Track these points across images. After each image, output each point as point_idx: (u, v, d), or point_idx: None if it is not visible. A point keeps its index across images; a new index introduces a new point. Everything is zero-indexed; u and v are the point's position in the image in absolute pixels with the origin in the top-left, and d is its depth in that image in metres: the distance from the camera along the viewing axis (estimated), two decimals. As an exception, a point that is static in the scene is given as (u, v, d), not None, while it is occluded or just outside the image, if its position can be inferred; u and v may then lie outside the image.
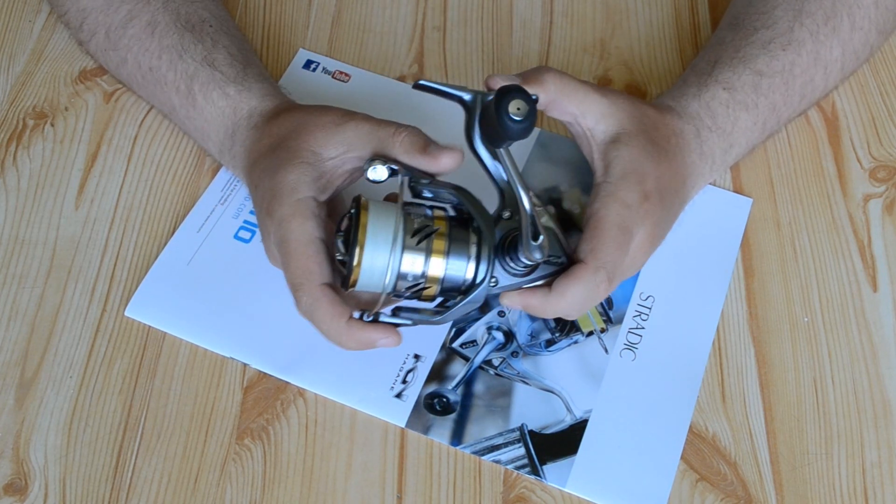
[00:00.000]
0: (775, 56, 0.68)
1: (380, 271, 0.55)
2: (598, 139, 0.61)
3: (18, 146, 0.73)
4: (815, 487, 0.60)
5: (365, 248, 0.54)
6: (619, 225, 0.57)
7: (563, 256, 0.57)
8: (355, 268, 0.54)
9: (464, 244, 0.56)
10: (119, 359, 0.63)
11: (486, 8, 0.83)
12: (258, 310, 0.65)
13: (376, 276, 0.55)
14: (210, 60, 0.67)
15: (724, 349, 0.65)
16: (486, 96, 0.57)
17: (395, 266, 0.55)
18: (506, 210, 0.57)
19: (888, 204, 0.72)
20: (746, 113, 0.67)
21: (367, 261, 0.55)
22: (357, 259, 0.54)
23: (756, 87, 0.67)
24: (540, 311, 0.57)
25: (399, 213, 0.55)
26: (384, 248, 0.55)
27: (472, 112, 0.58)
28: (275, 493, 0.59)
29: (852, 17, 0.70)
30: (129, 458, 0.60)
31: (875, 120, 0.77)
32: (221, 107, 0.66)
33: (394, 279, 0.55)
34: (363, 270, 0.55)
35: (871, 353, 0.65)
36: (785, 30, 0.69)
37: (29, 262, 0.67)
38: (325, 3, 0.83)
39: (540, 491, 0.59)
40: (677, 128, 0.64)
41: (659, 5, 0.84)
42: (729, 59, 0.68)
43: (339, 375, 0.63)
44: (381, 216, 0.55)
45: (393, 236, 0.55)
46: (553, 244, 0.57)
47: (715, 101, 0.66)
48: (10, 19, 0.80)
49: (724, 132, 0.66)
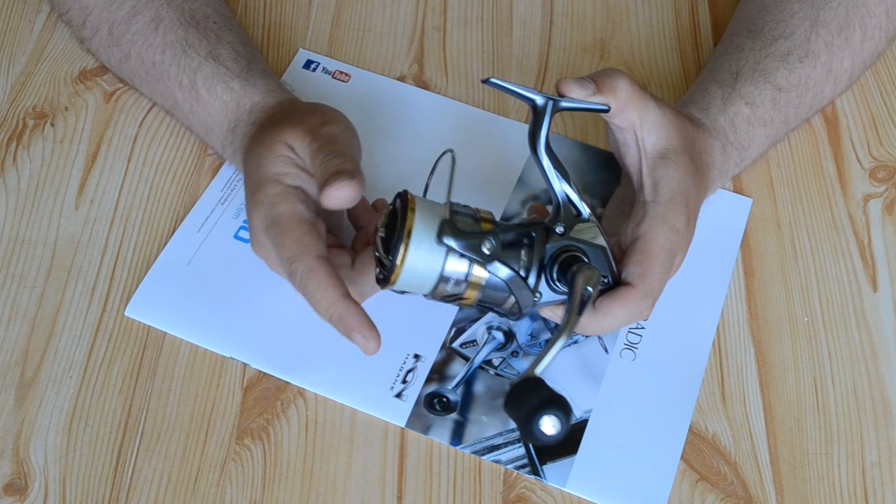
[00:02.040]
0: (793, 69, 0.68)
1: (422, 272, 0.53)
2: (648, 151, 0.60)
3: (18, 146, 0.73)
4: (815, 487, 0.60)
5: (410, 247, 0.52)
6: (668, 250, 0.57)
7: (608, 276, 0.56)
8: (398, 266, 0.52)
9: (512, 253, 0.54)
10: (119, 359, 0.63)
11: (486, 8, 0.83)
12: (258, 310, 0.65)
13: (418, 277, 0.53)
14: (215, 55, 0.67)
15: (724, 349, 0.65)
16: (559, 101, 0.56)
17: (439, 268, 0.53)
18: (558, 224, 0.56)
19: (888, 204, 0.72)
20: (764, 129, 0.67)
21: (411, 260, 0.53)
22: (401, 258, 0.52)
23: (775, 102, 0.67)
24: (580, 328, 0.56)
25: (447, 210, 0.53)
26: (430, 249, 0.53)
27: (540, 116, 0.56)
28: (275, 493, 0.59)
29: (864, 27, 0.70)
30: (129, 458, 0.60)
31: (875, 120, 0.77)
32: (225, 101, 0.66)
33: (435, 281, 0.54)
34: (405, 270, 0.53)
35: (871, 353, 0.65)
36: (802, 40, 0.68)
37: (29, 262, 0.67)
38: (325, 3, 0.83)
39: (540, 491, 0.59)
40: (707, 144, 0.64)
41: (659, 5, 0.84)
42: (751, 72, 0.67)
43: (340, 375, 0.63)
44: (428, 215, 0.53)
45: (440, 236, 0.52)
46: (602, 262, 0.56)
47: (739, 116, 0.66)
48: (10, 19, 0.80)
49: (743, 148, 0.67)
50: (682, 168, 0.59)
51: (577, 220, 0.56)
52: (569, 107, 0.57)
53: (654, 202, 0.59)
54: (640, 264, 0.57)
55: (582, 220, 0.56)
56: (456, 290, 0.54)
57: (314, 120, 0.60)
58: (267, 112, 0.65)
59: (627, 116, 0.59)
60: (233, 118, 0.66)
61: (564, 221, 0.56)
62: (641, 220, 0.58)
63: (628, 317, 0.57)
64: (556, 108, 0.56)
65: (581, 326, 0.56)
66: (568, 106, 0.57)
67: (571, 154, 0.74)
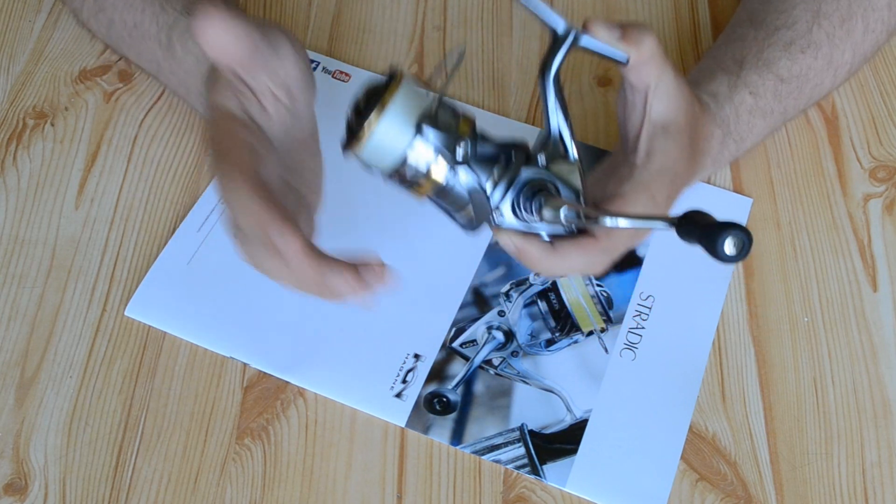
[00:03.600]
0: (795, 60, 0.67)
1: (389, 147, 0.51)
2: (652, 117, 0.59)
3: (18, 146, 0.73)
4: (815, 487, 0.60)
5: (383, 116, 0.51)
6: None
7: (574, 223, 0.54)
8: (366, 127, 0.51)
9: (485, 165, 0.53)
10: (119, 358, 0.63)
11: (486, 8, 0.83)
12: (258, 310, 0.65)
13: (382, 150, 0.52)
14: (190, 9, 0.67)
15: (724, 349, 0.65)
16: (581, 36, 0.55)
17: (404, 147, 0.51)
18: (541, 154, 0.55)
19: (888, 204, 0.72)
20: (763, 120, 0.67)
21: (381, 131, 0.51)
22: (374, 122, 0.51)
23: (776, 93, 0.67)
24: (532, 262, 0.56)
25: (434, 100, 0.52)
26: (405, 127, 0.51)
27: (558, 44, 0.55)
28: (275, 493, 0.59)
29: (866, 19, 0.70)
30: (129, 458, 0.60)
31: (875, 120, 0.77)
32: (197, 54, 0.65)
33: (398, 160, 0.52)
34: (374, 136, 0.51)
35: (871, 353, 0.65)
36: (804, 31, 0.68)
37: (29, 262, 0.67)
38: (325, 3, 0.83)
39: (540, 491, 0.59)
40: (709, 131, 0.64)
41: (659, 4, 0.84)
42: (755, 61, 0.67)
43: (340, 375, 0.63)
44: (411, 95, 0.52)
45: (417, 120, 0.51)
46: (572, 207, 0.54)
47: (743, 106, 0.65)
48: (10, 19, 0.80)
49: (741, 138, 0.66)
50: (679, 146, 0.59)
51: (562, 159, 0.55)
52: (588, 46, 0.56)
53: (643, 168, 0.58)
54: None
55: (567, 160, 0.55)
56: (415, 177, 0.53)
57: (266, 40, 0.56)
58: None
59: (644, 76, 0.58)
60: (205, 70, 0.64)
61: (548, 154, 0.55)
62: (625, 180, 0.58)
63: (582, 265, 0.56)
64: (577, 41, 0.55)
65: (532, 260, 0.55)
66: (588, 45, 0.56)
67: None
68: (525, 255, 0.55)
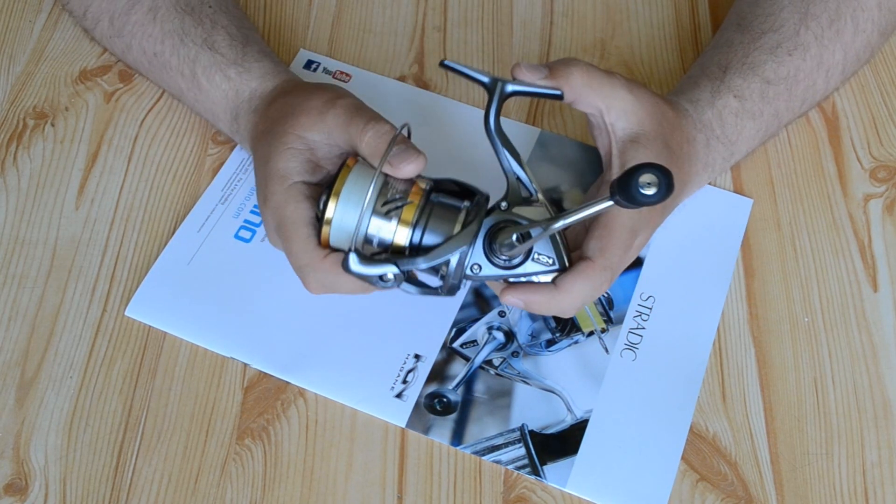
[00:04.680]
0: (782, 62, 0.68)
1: (347, 231, 0.55)
2: (618, 135, 0.61)
3: (19, 146, 0.73)
4: (815, 487, 0.60)
5: (338, 205, 0.55)
6: (629, 228, 0.57)
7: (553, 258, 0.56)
8: (325, 222, 0.56)
9: (444, 222, 0.56)
10: (119, 359, 0.63)
11: (486, 8, 0.83)
12: (258, 310, 0.65)
13: (344, 235, 0.56)
14: (210, 43, 0.67)
15: (724, 349, 0.65)
16: (506, 83, 0.57)
17: (362, 227, 0.55)
18: (504, 201, 0.57)
19: (888, 204, 0.72)
20: (752, 122, 0.67)
21: (338, 218, 0.55)
22: (330, 213, 0.55)
23: (763, 95, 0.67)
24: (543, 307, 0.57)
25: (377, 176, 0.55)
26: (354, 208, 0.55)
27: (490, 95, 0.57)
28: (275, 493, 0.59)
29: (856, 19, 0.70)
30: (130, 458, 0.60)
31: (875, 120, 0.77)
32: (224, 90, 0.67)
33: (360, 240, 0.56)
34: (334, 225, 0.56)
35: (871, 353, 0.65)
36: (791, 33, 0.68)
37: (29, 262, 0.67)
38: (325, 4, 0.83)
39: (540, 491, 0.59)
40: (690, 135, 0.64)
41: (659, 5, 0.84)
42: (739, 65, 0.67)
43: (340, 375, 0.63)
44: (361, 178, 0.56)
45: (366, 198, 0.55)
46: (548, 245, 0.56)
47: (726, 109, 0.66)
48: (10, 19, 0.80)
49: (730, 142, 0.67)
50: (654, 152, 0.60)
51: (526, 201, 0.57)
52: (519, 90, 0.58)
53: None
54: (602, 239, 0.57)
55: (532, 201, 0.57)
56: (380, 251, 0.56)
57: (320, 99, 0.60)
58: (266, 98, 0.65)
59: (591, 102, 0.60)
60: (233, 107, 0.66)
61: (510, 199, 0.57)
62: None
63: (589, 292, 0.56)
64: (504, 90, 0.57)
65: (543, 305, 0.56)
66: (518, 90, 0.58)
67: (570, 154, 0.74)
68: (533, 305, 0.57)
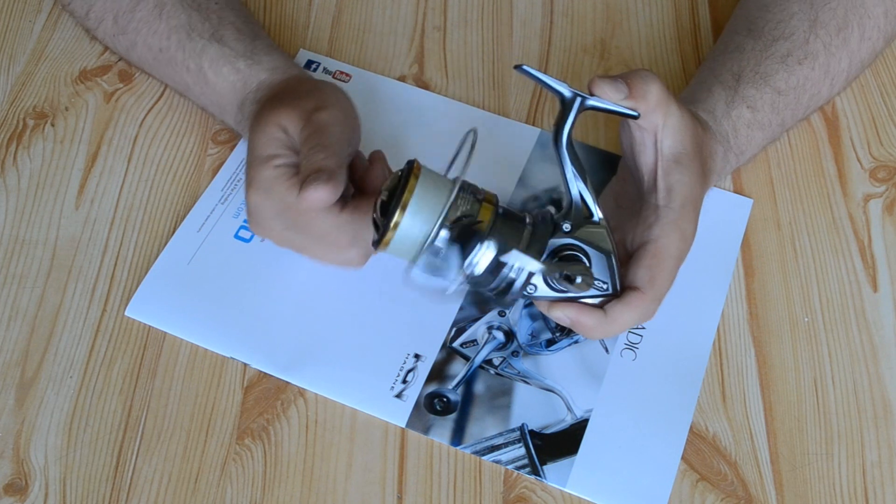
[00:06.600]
0: (792, 71, 0.68)
1: (413, 241, 0.53)
2: (664, 153, 0.59)
3: (19, 146, 0.73)
4: (815, 487, 0.60)
5: (407, 212, 0.53)
6: (677, 258, 0.58)
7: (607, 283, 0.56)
8: (392, 229, 0.53)
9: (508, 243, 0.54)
10: (119, 359, 0.63)
11: (486, 8, 0.83)
12: (258, 310, 0.65)
13: (408, 245, 0.53)
14: (218, 37, 0.68)
15: (724, 349, 0.65)
16: (587, 98, 0.56)
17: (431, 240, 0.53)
18: (566, 221, 0.56)
19: (888, 204, 0.72)
20: (762, 132, 0.67)
21: (405, 227, 0.53)
22: (396, 220, 0.53)
23: (774, 105, 0.67)
24: (590, 331, 0.57)
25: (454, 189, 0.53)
26: (427, 220, 0.53)
27: (567, 110, 0.56)
28: (275, 493, 0.59)
29: (862, 27, 0.70)
30: (130, 458, 0.60)
31: (875, 120, 0.77)
32: (232, 81, 0.67)
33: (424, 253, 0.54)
34: (398, 234, 0.53)
35: (871, 353, 0.65)
36: (801, 42, 0.68)
37: (29, 262, 0.67)
38: (325, 4, 0.83)
39: (540, 491, 0.59)
40: (713, 149, 0.64)
41: (659, 5, 0.84)
42: (752, 74, 0.67)
43: (340, 375, 0.63)
44: (432, 187, 0.53)
45: (440, 212, 0.53)
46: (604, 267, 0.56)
47: (741, 121, 0.66)
48: (10, 19, 0.80)
49: (741, 152, 0.67)
50: (694, 173, 0.59)
51: (587, 221, 0.56)
52: (596, 106, 0.56)
53: (667, 207, 0.58)
54: (651, 269, 0.57)
55: (592, 222, 0.56)
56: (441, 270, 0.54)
57: (310, 103, 0.60)
58: (273, 89, 0.65)
59: (652, 119, 0.58)
60: (241, 97, 0.67)
61: (573, 220, 0.56)
62: (653, 224, 0.58)
63: (636, 320, 0.57)
64: (584, 105, 0.56)
65: (590, 329, 0.56)
66: (596, 105, 0.56)
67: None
68: (580, 326, 0.57)
